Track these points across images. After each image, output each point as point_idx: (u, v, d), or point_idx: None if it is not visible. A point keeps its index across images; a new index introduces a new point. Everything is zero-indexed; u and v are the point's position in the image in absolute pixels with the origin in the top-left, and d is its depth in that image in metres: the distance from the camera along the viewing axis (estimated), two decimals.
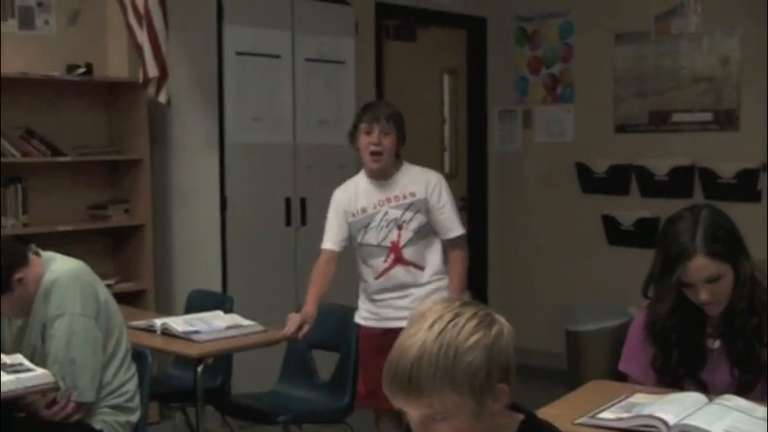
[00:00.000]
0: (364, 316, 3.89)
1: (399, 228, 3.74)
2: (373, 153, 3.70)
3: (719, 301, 2.43)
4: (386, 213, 3.74)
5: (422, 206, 3.76)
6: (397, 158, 3.82)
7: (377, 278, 3.78)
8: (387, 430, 3.84)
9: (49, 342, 3.05)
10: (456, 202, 3.93)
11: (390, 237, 3.74)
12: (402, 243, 3.74)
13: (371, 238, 3.76)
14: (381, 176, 3.77)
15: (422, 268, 3.80)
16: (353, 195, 3.79)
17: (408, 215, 3.74)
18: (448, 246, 3.85)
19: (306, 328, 3.69)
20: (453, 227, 3.82)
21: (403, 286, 3.78)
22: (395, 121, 3.73)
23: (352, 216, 3.77)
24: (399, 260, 3.77)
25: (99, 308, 3.11)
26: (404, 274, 3.77)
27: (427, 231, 3.80)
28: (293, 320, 3.68)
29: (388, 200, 3.76)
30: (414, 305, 3.62)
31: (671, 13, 5.92)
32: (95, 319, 3.08)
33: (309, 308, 3.72)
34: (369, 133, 3.69)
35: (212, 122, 5.03)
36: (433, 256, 3.83)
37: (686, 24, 5.87)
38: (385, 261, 3.76)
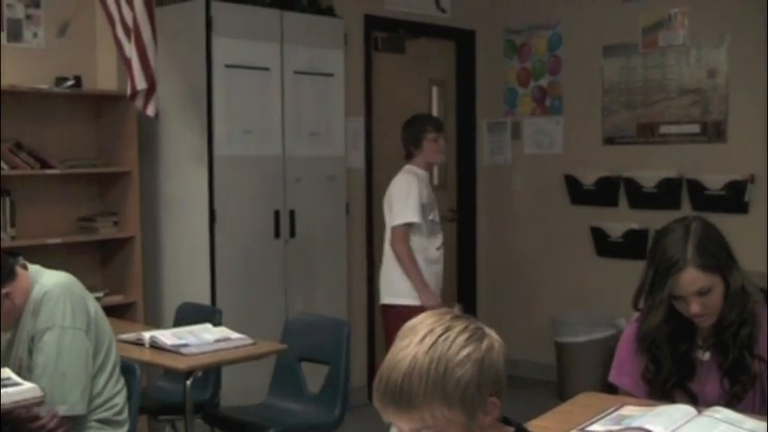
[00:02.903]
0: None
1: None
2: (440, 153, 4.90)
3: (710, 313, 2.44)
4: (434, 198, 4.90)
5: None
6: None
7: (438, 248, 4.81)
8: None
9: (37, 355, 3.02)
10: (445, 214, 4.98)
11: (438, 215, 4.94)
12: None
13: (436, 216, 4.85)
14: (430, 170, 4.96)
15: None
16: (423, 185, 4.75)
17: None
18: None
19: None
20: None
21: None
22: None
23: (427, 198, 4.74)
24: None
25: (89, 321, 3.09)
26: None
27: None
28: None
29: (433, 188, 4.97)
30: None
31: (658, 25, 5.96)
32: (86, 333, 3.06)
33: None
34: (436, 141, 4.81)
35: (201, 135, 5.03)
36: None
37: (674, 37, 5.91)
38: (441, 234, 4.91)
